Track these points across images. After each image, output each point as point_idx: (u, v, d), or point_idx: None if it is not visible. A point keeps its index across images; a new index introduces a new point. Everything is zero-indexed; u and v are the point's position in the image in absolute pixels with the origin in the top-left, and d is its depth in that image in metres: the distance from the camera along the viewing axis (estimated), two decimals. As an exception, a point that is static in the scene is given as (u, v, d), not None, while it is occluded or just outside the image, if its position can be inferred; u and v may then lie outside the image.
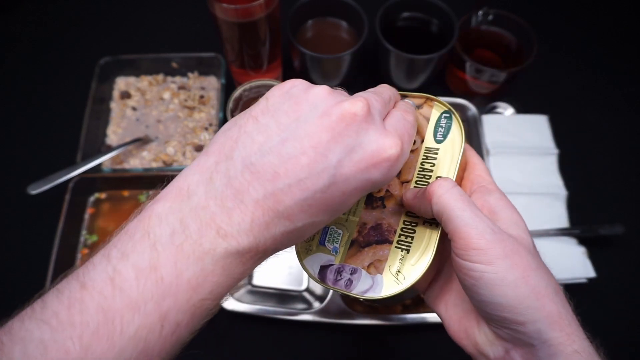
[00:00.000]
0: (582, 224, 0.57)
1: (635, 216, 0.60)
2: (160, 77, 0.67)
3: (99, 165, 0.57)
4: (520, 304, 0.23)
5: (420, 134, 0.32)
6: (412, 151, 0.31)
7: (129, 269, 0.21)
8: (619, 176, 0.63)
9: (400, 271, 0.28)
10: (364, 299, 0.28)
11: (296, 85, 0.24)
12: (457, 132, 0.31)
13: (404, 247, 0.29)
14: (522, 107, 0.65)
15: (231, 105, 0.56)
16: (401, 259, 0.29)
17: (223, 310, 0.49)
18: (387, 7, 0.61)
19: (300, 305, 0.52)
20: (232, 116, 0.55)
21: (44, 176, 0.54)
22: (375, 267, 0.29)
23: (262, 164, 0.22)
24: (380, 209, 0.30)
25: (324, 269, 0.30)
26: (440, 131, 0.32)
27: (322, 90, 0.24)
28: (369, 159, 0.23)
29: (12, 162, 0.61)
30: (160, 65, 0.66)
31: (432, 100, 0.33)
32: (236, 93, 0.56)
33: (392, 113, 0.26)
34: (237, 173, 0.22)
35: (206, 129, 0.63)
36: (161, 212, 0.23)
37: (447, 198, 0.25)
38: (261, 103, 0.24)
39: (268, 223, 0.22)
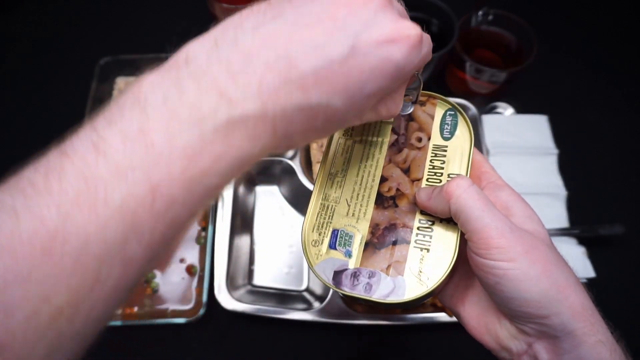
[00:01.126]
0: (582, 224, 0.57)
1: (635, 216, 0.60)
2: (160, 77, 0.67)
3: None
4: (544, 298, 0.24)
5: (426, 132, 0.32)
6: (419, 149, 0.31)
7: (115, 135, 0.18)
8: (619, 176, 0.63)
9: (422, 271, 0.27)
10: (387, 304, 0.27)
11: None
12: (464, 128, 0.31)
13: (424, 247, 0.28)
14: (522, 107, 0.65)
15: (231, 105, 0.56)
16: (422, 259, 0.28)
17: (223, 310, 0.49)
18: (387, 7, 0.61)
19: (300, 305, 0.52)
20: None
21: (44, 176, 0.54)
22: (395, 268, 0.28)
23: (276, 29, 0.20)
24: (392, 208, 0.30)
25: (338, 274, 0.28)
26: (447, 128, 0.31)
27: None
28: (388, 34, 0.21)
29: (12, 162, 0.61)
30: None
31: (434, 98, 0.33)
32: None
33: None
34: (247, 38, 0.20)
35: (206, 129, 0.63)
36: (154, 79, 0.20)
37: (465, 198, 0.25)
38: None
39: (278, 89, 0.19)
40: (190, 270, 0.54)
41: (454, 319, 0.50)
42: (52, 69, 0.69)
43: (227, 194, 0.56)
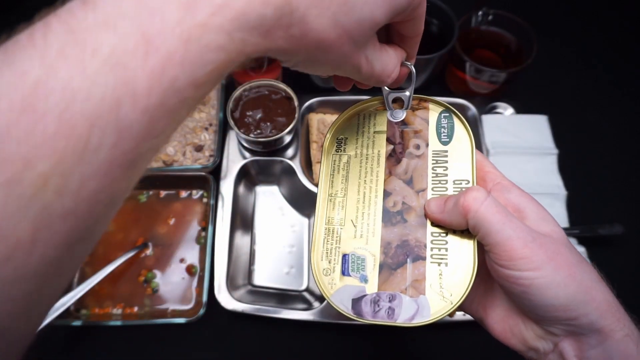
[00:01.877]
0: (581, 224, 0.57)
1: (635, 216, 0.60)
2: (160, 77, 0.66)
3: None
4: (572, 302, 0.24)
5: (423, 138, 0.30)
6: (419, 157, 0.30)
7: None
8: (619, 176, 0.63)
9: (444, 287, 0.26)
10: (412, 327, 0.26)
11: None
12: (461, 130, 0.30)
13: (441, 261, 0.27)
14: (522, 107, 0.65)
15: (231, 105, 0.56)
16: (440, 274, 0.26)
17: (223, 310, 0.49)
18: (387, 7, 0.61)
19: (300, 305, 0.52)
20: (232, 116, 0.55)
21: (44, 176, 0.54)
22: (415, 288, 0.26)
23: None
24: (401, 224, 0.28)
25: (357, 302, 0.27)
26: (444, 132, 0.30)
27: None
28: None
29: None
30: (160, 65, 0.66)
31: (426, 100, 0.31)
32: (236, 93, 0.56)
33: None
34: None
35: (206, 129, 0.63)
36: None
37: (483, 212, 0.25)
38: None
39: None
40: (190, 270, 0.54)
41: (454, 319, 0.50)
42: (52, 69, 0.69)
43: (227, 194, 0.56)
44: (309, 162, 0.60)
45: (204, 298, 0.50)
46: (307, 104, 0.61)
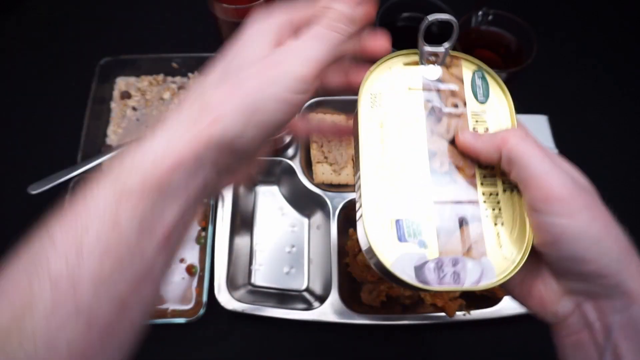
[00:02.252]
0: (582, 224, 0.57)
1: (635, 216, 0.59)
2: (161, 77, 0.67)
3: (99, 165, 0.57)
4: (605, 257, 0.23)
5: (459, 97, 0.29)
6: (458, 116, 0.28)
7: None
8: (619, 176, 0.63)
9: (503, 246, 0.25)
10: (479, 291, 0.26)
11: None
12: (498, 90, 0.29)
13: (497, 221, 0.26)
14: (522, 107, 0.64)
15: (231, 105, 0.56)
16: (498, 234, 0.26)
17: (223, 310, 0.49)
18: (387, 7, 0.61)
19: (300, 305, 0.52)
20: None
21: (44, 176, 0.54)
22: (476, 250, 0.25)
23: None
24: (452, 185, 0.27)
25: (420, 269, 0.25)
26: (480, 91, 0.29)
27: None
28: None
29: (12, 162, 0.61)
30: (161, 65, 0.66)
31: (458, 58, 0.30)
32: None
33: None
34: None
35: (206, 129, 0.63)
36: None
37: (523, 146, 0.24)
38: None
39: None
40: (190, 270, 0.54)
41: (453, 319, 0.50)
42: (52, 69, 0.69)
43: (227, 194, 0.56)
44: (309, 162, 0.60)
45: (204, 298, 0.50)
46: (307, 104, 0.61)
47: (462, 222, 0.26)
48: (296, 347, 0.52)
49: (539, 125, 0.62)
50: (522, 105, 0.65)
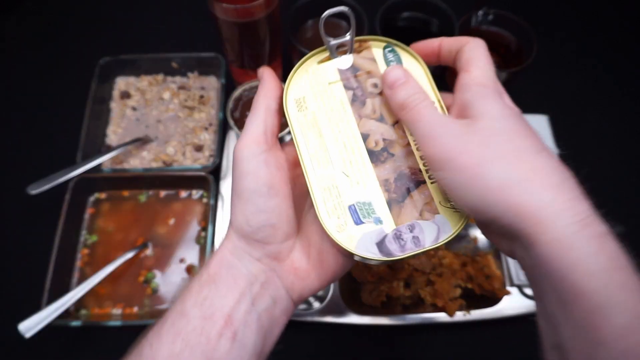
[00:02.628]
0: (582, 224, 0.57)
1: (635, 216, 0.60)
2: (160, 77, 0.67)
3: (99, 165, 0.57)
4: (479, 203, 0.23)
5: (377, 76, 0.31)
6: (380, 94, 0.30)
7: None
8: (619, 176, 0.63)
9: (451, 200, 0.27)
10: (441, 246, 0.26)
11: None
12: (408, 57, 0.31)
13: None
14: (522, 107, 0.64)
15: (231, 105, 0.56)
16: (444, 191, 0.27)
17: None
18: (387, 7, 0.61)
19: (301, 305, 0.52)
20: (232, 116, 0.55)
21: (44, 176, 0.54)
22: (428, 211, 0.27)
23: None
24: (390, 159, 0.29)
25: (381, 244, 0.27)
26: (393, 64, 0.31)
27: None
28: None
29: (12, 162, 0.61)
30: (160, 65, 0.66)
31: (366, 41, 0.32)
32: (236, 93, 0.56)
33: None
34: None
35: (206, 129, 0.63)
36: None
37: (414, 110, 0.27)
38: None
39: None
40: (190, 270, 0.54)
41: (453, 319, 0.50)
42: (52, 69, 0.69)
43: (227, 194, 0.56)
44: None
45: (204, 298, 0.50)
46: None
47: (409, 190, 0.28)
48: (296, 347, 0.52)
49: (539, 125, 0.62)
50: (522, 105, 0.65)
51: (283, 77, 0.66)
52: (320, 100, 0.30)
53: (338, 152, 0.29)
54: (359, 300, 0.53)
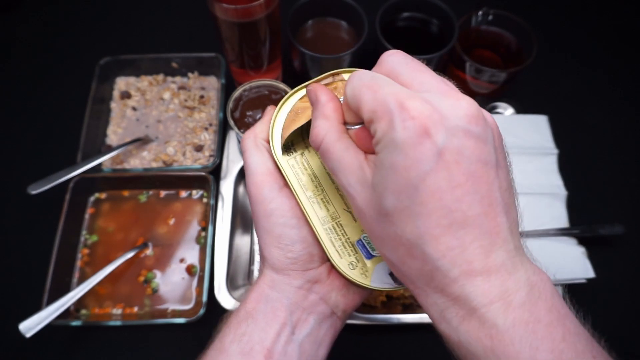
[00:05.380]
0: (582, 224, 0.57)
1: (635, 216, 0.60)
2: (160, 77, 0.67)
3: (99, 165, 0.57)
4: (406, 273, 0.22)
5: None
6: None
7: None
8: (619, 176, 0.63)
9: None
10: None
11: None
12: None
13: None
14: (522, 107, 0.65)
15: (231, 105, 0.56)
16: None
17: (223, 310, 0.49)
18: (387, 7, 0.61)
19: (300, 305, 0.52)
20: (232, 116, 0.55)
21: (44, 176, 0.54)
22: None
23: None
24: None
25: (394, 275, 0.27)
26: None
27: None
28: None
29: (12, 162, 0.61)
30: (160, 65, 0.66)
31: (339, 74, 0.30)
32: (236, 93, 0.56)
33: None
34: None
35: (206, 129, 0.63)
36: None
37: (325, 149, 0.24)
38: None
39: None
40: (190, 270, 0.54)
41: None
42: (52, 69, 0.69)
43: (227, 194, 0.56)
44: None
45: (204, 298, 0.50)
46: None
47: None
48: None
49: (539, 125, 0.62)
50: (522, 105, 0.65)
51: (283, 77, 0.66)
52: (307, 140, 0.30)
53: (335, 189, 0.29)
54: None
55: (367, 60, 0.66)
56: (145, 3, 0.75)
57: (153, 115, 0.64)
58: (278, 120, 0.30)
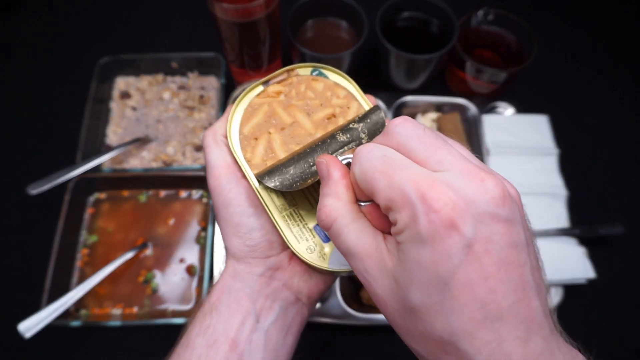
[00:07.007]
0: (582, 224, 0.57)
1: (635, 216, 0.60)
2: (160, 77, 0.67)
3: (99, 165, 0.57)
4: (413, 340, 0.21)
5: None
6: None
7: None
8: (619, 176, 0.63)
9: None
10: None
11: None
12: (335, 75, 0.32)
13: None
14: (522, 107, 0.65)
15: (231, 105, 0.56)
16: None
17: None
18: (387, 7, 0.61)
19: (300, 305, 0.52)
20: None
21: (44, 176, 0.54)
22: None
23: None
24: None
25: None
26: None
27: None
28: None
29: (12, 162, 0.61)
30: (160, 65, 0.66)
31: (293, 70, 0.32)
32: (236, 93, 0.56)
33: None
34: None
35: (206, 128, 0.63)
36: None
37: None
38: None
39: None
40: (190, 270, 0.54)
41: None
42: (52, 69, 0.69)
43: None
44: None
45: (204, 298, 0.50)
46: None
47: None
48: (296, 347, 0.52)
49: (539, 125, 0.62)
50: (522, 105, 0.65)
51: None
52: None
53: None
54: (359, 300, 0.53)
55: (367, 60, 0.66)
56: (145, 3, 0.75)
57: (153, 115, 0.64)
58: (235, 117, 0.31)
